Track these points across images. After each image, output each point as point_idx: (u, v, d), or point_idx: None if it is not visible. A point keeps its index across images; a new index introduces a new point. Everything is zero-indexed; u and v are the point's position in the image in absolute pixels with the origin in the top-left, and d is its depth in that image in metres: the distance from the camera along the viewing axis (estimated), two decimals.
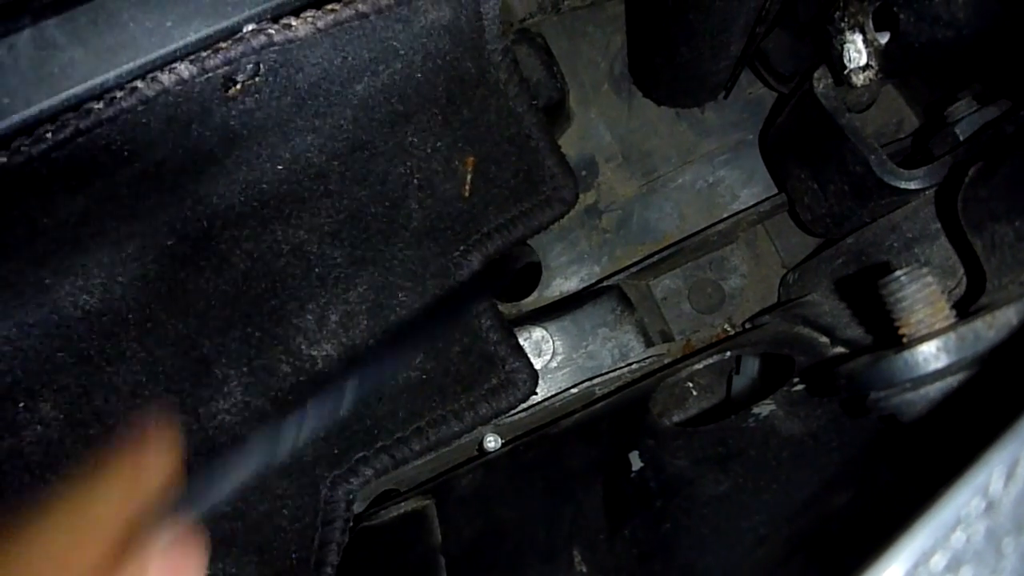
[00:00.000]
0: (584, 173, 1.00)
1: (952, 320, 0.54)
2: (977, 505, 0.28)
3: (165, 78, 0.52)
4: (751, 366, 0.91)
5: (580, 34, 1.02)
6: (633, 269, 0.94)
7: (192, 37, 0.54)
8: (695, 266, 0.99)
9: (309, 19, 0.54)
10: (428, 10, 0.58)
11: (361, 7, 0.55)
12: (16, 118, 0.52)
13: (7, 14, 0.51)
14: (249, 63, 0.55)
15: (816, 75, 0.74)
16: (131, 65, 0.53)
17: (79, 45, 0.52)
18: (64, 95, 0.53)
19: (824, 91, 0.74)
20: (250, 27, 0.55)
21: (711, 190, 1.00)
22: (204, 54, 0.52)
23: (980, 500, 0.28)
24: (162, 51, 0.54)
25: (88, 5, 0.52)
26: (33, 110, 0.53)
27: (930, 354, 0.51)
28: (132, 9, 0.53)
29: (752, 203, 0.96)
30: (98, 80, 0.53)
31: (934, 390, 0.51)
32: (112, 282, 0.64)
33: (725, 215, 0.96)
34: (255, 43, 0.53)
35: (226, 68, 0.54)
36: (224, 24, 0.55)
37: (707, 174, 1.00)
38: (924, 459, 0.52)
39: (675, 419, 0.90)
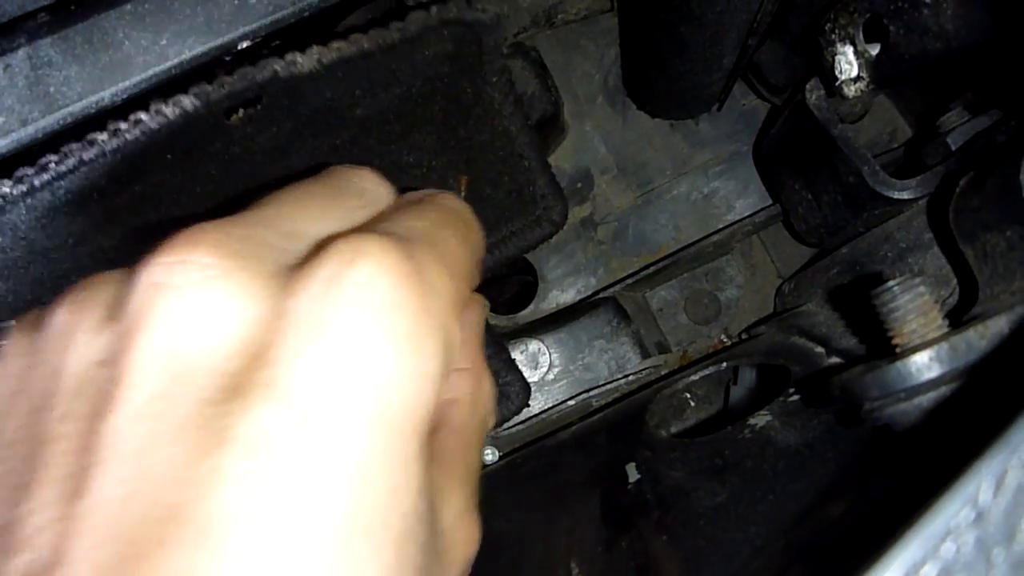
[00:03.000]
0: (579, 185, 1.01)
1: (945, 330, 0.54)
2: (967, 515, 0.28)
3: (169, 111, 0.52)
4: (748, 376, 0.92)
5: (574, 47, 1.02)
6: (629, 281, 0.94)
7: (187, 55, 0.54)
8: (691, 277, 0.99)
9: (314, 56, 0.54)
10: (432, 44, 0.58)
11: (367, 45, 0.55)
12: (13, 137, 0.52)
13: (2, 34, 0.52)
14: (252, 95, 0.55)
15: (808, 86, 0.75)
16: (127, 83, 0.54)
17: (75, 63, 0.52)
18: (61, 113, 0.53)
19: (817, 102, 0.74)
20: (245, 44, 0.55)
21: (706, 201, 1.00)
22: (208, 88, 0.53)
23: (970, 510, 0.28)
24: (158, 69, 0.54)
25: (83, 24, 0.52)
26: (30, 129, 0.53)
27: (923, 364, 0.51)
28: (127, 28, 0.53)
29: (747, 214, 0.96)
30: (94, 98, 0.54)
31: (927, 400, 0.52)
32: None
33: (720, 226, 0.96)
34: (260, 78, 0.54)
35: (229, 101, 0.54)
36: (219, 42, 0.55)
37: (702, 185, 1.00)
38: (917, 468, 0.52)
39: (673, 430, 0.91)
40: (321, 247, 0.33)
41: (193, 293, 0.30)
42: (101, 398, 0.30)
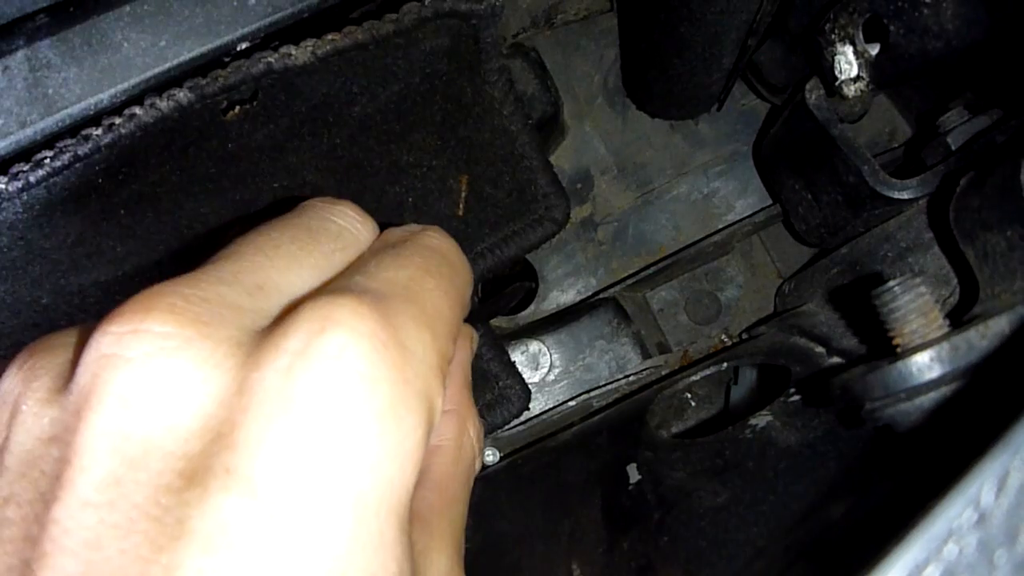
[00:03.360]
0: (579, 186, 1.01)
1: (946, 330, 0.54)
2: (969, 517, 0.28)
3: (163, 105, 0.52)
4: (748, 376, 0.92)
5: (573, 48, 1.02)
6: (629, 281, 0.94)
7: (186, 56, 0.54)
8: (691, 277, 0.99)
9: (308, 48, 0.54)
10: (428, 38, 0.58)
11: (361, 37, 0.55)
12: (12, 139, 0.52)
13: (1, 35, 0.51)
14: (248, 90, 0.55)
15: (808, 86, 0.75)
16: (126, 84, 0.54)
17: (74, 65, 0.52)
18: (60, 115, 0.53)
19: (816, 102, 0.74)
20: (244, 45, 0.55)
21: (706, 201, 1.00)
22: (203, 81, 0.52)
23: (972, 512, 0.28)
24: (156, 70, 0.54)
25: (82, 25, 0.52)
26: (28, 131, 0.53)
27: (924, 364, 0.51)
28: (126, 29, 0.53)
29: (747, 214, 0.96)
30: (93, 100, 0.53)
31: (928, 400, 0.52)
32: (110, 303, 0.64)
33: (720, 226, 0.96)
34: (254, 71, 0.53)
35: (224, 95, 0.54)
36: (218, 43, 0.55)
37: (702, 185, 1.00)
38: (919, 469, 0.52)
39: (673, 430, 0.91)
40: (291, 309, 0.30)
41: (147, 367, 0.28)
42: (48, 481, 0.28)
